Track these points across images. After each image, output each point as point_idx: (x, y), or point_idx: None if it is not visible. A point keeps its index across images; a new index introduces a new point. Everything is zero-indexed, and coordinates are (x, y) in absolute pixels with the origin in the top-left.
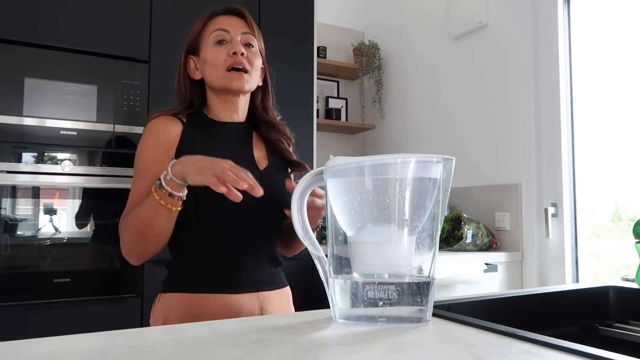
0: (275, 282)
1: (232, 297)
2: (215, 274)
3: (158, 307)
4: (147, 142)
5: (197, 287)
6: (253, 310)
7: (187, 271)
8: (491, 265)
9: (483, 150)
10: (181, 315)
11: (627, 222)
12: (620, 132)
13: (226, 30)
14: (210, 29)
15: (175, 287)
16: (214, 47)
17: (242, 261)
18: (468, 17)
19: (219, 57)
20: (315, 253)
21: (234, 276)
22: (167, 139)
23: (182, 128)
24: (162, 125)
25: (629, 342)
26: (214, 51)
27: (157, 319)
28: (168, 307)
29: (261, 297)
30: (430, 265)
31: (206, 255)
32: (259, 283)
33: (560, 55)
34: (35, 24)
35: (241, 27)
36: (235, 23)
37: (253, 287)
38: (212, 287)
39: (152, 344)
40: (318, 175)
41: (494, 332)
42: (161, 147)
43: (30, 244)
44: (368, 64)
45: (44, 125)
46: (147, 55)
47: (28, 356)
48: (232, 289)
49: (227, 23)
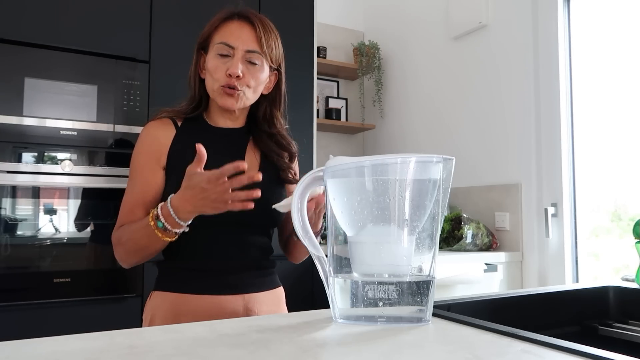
0: (264, 284)
1: (215, 297)
2: (201, 276)
3: (148, 304)
4: (139, 149)
5: (182, 287)
6: (237, 310)
7: (175, 272)
8: (491, 265)
9: (483, 150)
10: (166, 314)
11: (627, 222)
12: (620, 132)
13: (231, 46)
14: (218, 37)
15: (163, 287)
16: (216, 58)
17: (230, 266)
18: (468, 17)
19: (217, 71)
20: (315, 253)
21: (220, 279)
22: (158, 147)
23: (174, 134)
24: (154, 131)
25: (629, 342)
26: (215, 63)
27: (147, 316)
28: (155, 304)
29: (247, 298)
30: (430, 265)
31: (194, 259)
32: (246, 285)
33: (560, 55)
34: (35, 24)
35: (248, 42)
36: (244, 37)
37: (239, 289)
38: (196, 288)
39: (152, 344)
40: (318, 175)
41: (494, 332)
42: (151, 155)
43: (30, 244)
44: (368, 64)
45: (44, 125)
46: (147, 55)
47: (28, 356)
48: (216, 291)
49: (235, 36)
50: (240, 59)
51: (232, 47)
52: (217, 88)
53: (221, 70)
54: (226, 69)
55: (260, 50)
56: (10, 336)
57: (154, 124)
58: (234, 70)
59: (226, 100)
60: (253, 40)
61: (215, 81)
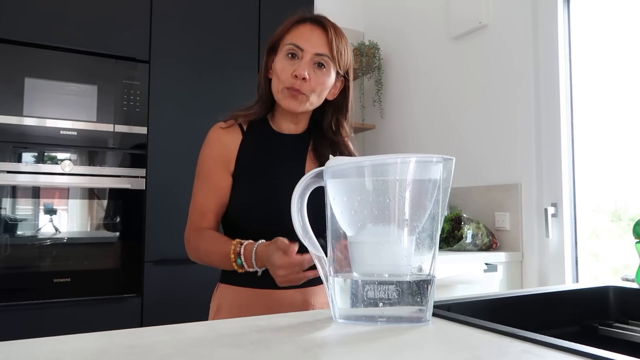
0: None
1: (274, 291)
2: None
3: (215, 295)
4: (207, 153)
5: (245, 282)
6: (295, 302)
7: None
8: (491, 265)
9: (483, 150)
10: (231, 305)
11: (627, 222)
12: (620, 132)
13: (300, 48)
14: (289, 38)
15: (228, 280)
16: (284, 59)
17: None
18: (468, 17)
19: (284, 72)
20: (315, 253)
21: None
22: (226, 151)
23: (241, 139)
24: (223, 137)
25: (629, 342)
26: (283, 64)
27: (213, 306)
28: (221, 296)
29: (304, 291)
30: (430, 265)
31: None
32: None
33: (560, 55)
34: (35, 24)
35: (318, 45)
36: (315, 40)
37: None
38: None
39: (152, 343)
40: (318, 175)
41: (494, 332)
42: (220, 160)
43: (30, 244)
44: (368, 64)
45: (44, 125)
46: (147, 55)
47: (28, 356)
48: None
49: (305, 38)
50: (308, 62)
51: (302, 49)
52: (281, 89)
53: (287, 71)
54: (293, 70)
55: (329, 54)
56: (10, 336)
57: (222, 130)
58: (301, 72)
59: (290, 102)
60: (323, 43)
61: (280, 82)
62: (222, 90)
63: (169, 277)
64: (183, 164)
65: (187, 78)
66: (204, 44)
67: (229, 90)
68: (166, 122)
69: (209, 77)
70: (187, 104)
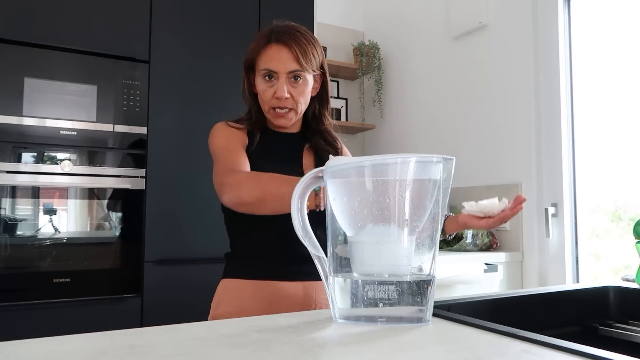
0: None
1: (276, 283)
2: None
3: (217, 291)
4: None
5: (247, 274)
6: (297, 295)
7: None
8: (491, 265)
9: (483, 150)
10: (232, 297)
11: (627, 222)
12: (620, 132)
13: (274, 71)
14: (262, 63)
15: (230, 274)
16: (263, 82)
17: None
18: (468, 17)
19: (266, 94)
20: (315, 253)
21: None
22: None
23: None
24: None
25: (629, 342)
26: (263, 87)
27: (214, 301)
28: (222, 290)
29: (306, 285)
30: (430, 265)
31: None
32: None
33: (560, 55)
34: (35, 23)
35: (288, 63)
36: (284, 60)
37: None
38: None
39: (152, 343)
40: (318, 175)
41: (494, 332)
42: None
43: (30, 244)
44: (368, 64)
45: (43, 125)
46: (147, 55)
47: (28, 356)
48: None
49: (276, 60)
50: (285, 81)
51: (275, 71)
52: (268, 109)
53: (269, 94)
54: (273, 92)
55: (300, 67)
56: (10, 336)
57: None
58: (281, 94)
59: (279, 121)
60: (292, 59)
61: (265, 103)
62: (222, 91)
63: (169, 277)
64: (183, 164)
65: (187, 78)
66: (204, 44)
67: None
68: (166, 122)
69: (209, 77)
70: (187, 104)
